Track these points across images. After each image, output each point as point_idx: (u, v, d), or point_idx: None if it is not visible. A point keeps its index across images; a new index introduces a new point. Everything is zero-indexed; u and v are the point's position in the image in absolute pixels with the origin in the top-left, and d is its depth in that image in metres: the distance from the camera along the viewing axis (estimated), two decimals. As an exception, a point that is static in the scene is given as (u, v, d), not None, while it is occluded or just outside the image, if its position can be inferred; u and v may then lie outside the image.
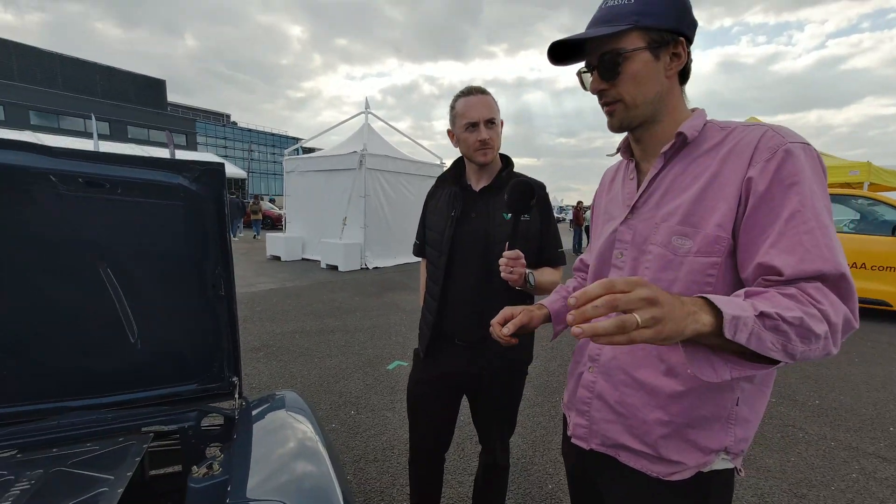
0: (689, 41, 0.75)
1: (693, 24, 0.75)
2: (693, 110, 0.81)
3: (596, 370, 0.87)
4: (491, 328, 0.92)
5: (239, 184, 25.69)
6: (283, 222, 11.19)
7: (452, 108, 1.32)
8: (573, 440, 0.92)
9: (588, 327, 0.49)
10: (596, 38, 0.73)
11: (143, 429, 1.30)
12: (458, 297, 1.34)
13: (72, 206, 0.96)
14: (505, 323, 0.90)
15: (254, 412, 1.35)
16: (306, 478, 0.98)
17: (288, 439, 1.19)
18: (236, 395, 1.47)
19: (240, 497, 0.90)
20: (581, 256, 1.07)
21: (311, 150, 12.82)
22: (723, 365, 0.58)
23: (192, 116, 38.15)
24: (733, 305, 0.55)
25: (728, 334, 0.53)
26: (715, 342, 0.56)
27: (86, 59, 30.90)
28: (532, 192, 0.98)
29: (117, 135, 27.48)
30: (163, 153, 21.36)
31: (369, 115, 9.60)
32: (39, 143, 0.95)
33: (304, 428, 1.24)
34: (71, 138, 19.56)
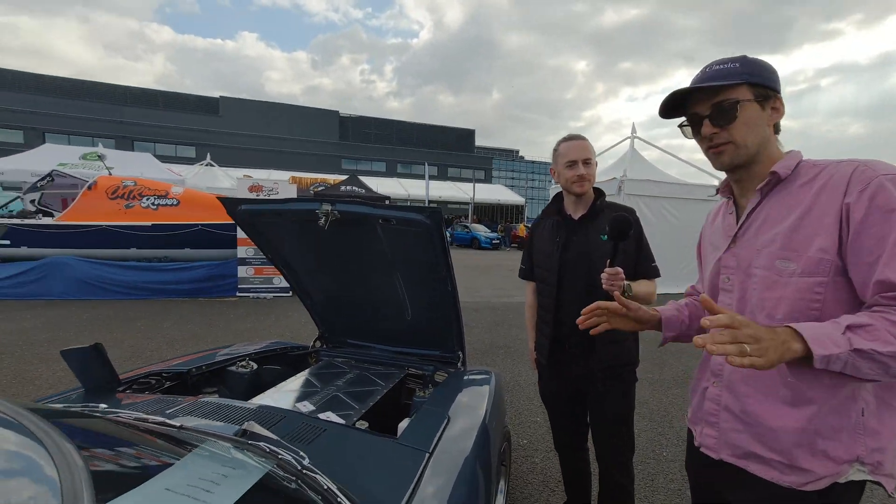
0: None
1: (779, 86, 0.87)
2: (788, 152, 0.88)
3: (720, 384, 0.93)
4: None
5: (519, 209, 29.46)
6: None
7: (556, 150, 1.58)
8: (702, 450, 0.96)
9: (719, 348, 0.64)
10: (706, 91, 0.87)
11: (408, 368, 2.13)
12: (568, 309, 1.53)
13: (379, 231, 1.82)
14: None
15: (463, 377, 1.96)
16: (465, 411, 1.49)
17: (468, 395, 1.72)
18: (458, 364, 2.13)
19: (431, 406, 1.49)
20: (693, 285, 1.12)
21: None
22: (824, 375, 0.69)
23: (489, 155, 46.97)
24: (825, 342, 0.65)
25: (819, 366, 0.64)
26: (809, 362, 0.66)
27: (426, 123, 43.59)
28: (630, 225, 1.15)
29: (441, 175, 37.11)
30: (468, 186, 27.33)
31: (636, 140, 9.33)
32: (386, 197, 1.86)
33: (483, 392, 1.74)
34: (413, 180, 27.90)
